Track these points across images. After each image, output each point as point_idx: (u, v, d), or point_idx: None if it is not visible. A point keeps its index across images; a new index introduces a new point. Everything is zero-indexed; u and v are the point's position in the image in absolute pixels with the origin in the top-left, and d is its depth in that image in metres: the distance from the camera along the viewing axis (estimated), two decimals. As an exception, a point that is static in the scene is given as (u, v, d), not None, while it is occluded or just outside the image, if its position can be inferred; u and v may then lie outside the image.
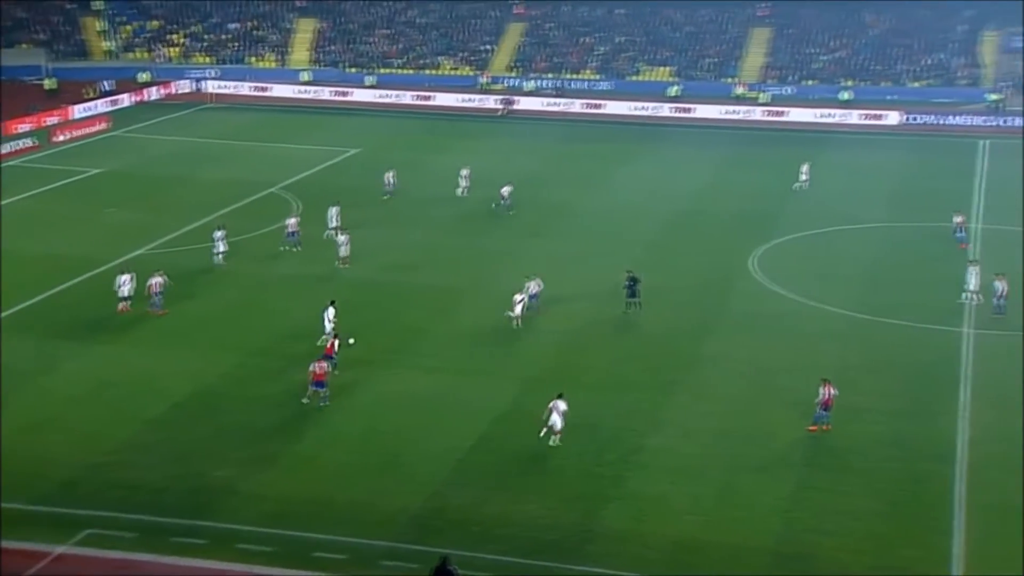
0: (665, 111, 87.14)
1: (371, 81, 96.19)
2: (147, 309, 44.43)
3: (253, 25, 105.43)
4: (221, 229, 50.90)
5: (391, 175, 62.40)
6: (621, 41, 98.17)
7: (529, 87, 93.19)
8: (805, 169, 64.21)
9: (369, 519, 30.24)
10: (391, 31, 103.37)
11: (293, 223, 52.94)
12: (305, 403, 36.69)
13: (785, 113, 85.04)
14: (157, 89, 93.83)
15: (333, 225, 53.66)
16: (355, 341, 39.52)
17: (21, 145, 73.85)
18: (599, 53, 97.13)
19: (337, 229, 52.80)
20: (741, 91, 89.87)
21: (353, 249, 50.54)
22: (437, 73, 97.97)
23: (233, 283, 48.78)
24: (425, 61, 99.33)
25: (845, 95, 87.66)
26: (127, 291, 44.38)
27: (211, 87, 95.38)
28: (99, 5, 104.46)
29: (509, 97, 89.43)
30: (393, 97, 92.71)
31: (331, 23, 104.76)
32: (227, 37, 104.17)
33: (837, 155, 72.64)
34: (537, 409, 36.78)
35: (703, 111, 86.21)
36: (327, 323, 40.92)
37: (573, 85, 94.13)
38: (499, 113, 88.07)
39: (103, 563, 28.07)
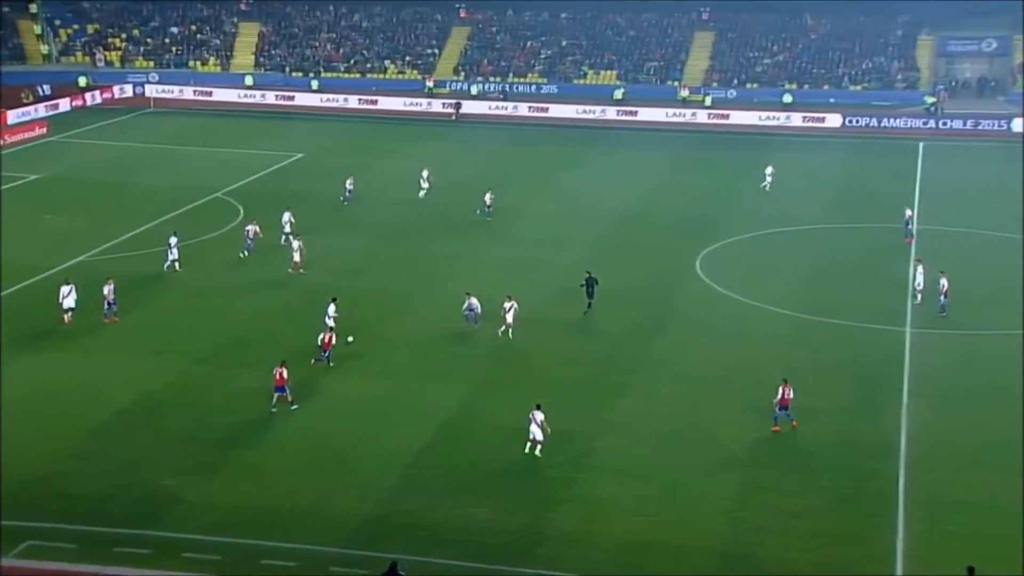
0: (610, 114, 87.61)
1: (316, 85, 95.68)
2: (103, 318, 43.87)
3: (195, 29, 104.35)
4: (175, 235, 50.53)
5: (350, 181, 62.12)
6: (566, 45, 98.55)
7: (475, 91, 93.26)
8: (770, 171, 65.08)
9: (317, 525, 30.07)
10: (335, 35, 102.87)
11: (253, 230, 52.60)
12: (274, 411, 36.41)
13: (729, 116, 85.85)
14: (97, 94, 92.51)
15: (287, 230, 53.42)
16: (354, 339, 40.34)
17: (-43, 151, 72.60)
18: (544, 57, 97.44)
19: (290, 234, 52.58)
20: (685, 94, 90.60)
21: (308, 254, 50.26)
22: (382, 77, 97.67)
23: (180, 290, 48.28)
24: (370, 65, 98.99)
25: (787, 98, 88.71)
26: (70, 302, 43.75)
27: (152, 91, 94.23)
28: (36, 8, 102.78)
29: (459, 101, 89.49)
30: (338, 101, 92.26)
31: (274, 27, 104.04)
32: (168, 41, 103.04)
33: (780, 157, 73.34)
34: (485, 413, 36.90)
35: (648, 114, 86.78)
36: (328, 319, 41.12)
37: (519, 89, 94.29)
38: (450, 117, 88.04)
39: (45, 575, 27.59)
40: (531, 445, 33.63)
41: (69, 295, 43.69)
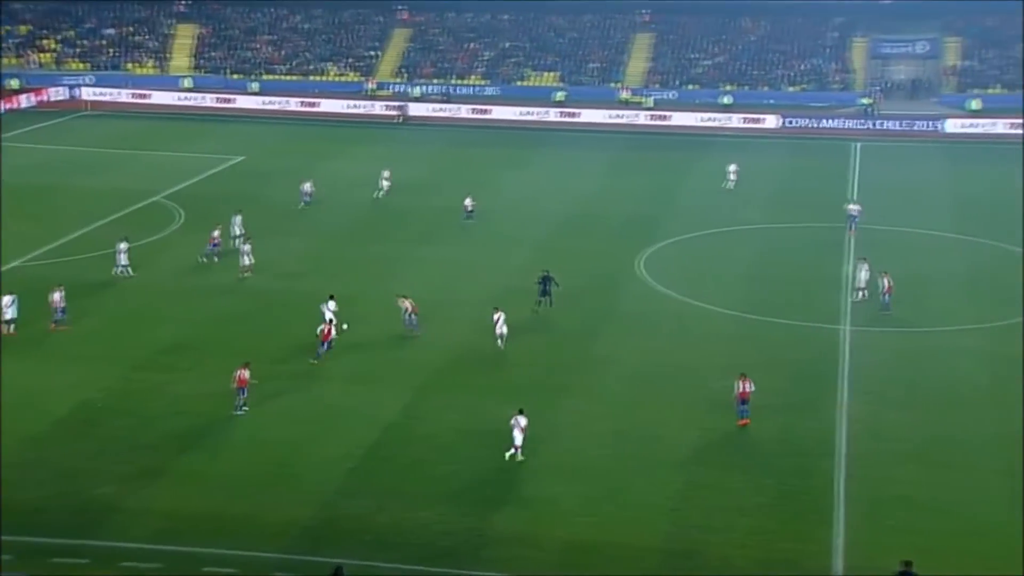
0: (552, 116, 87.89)
1: (255, 87, 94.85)
2: (51, 325, 43.07)
3: (131, 31, 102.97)
4: (124, 241, 50.03)
5: (308, 185, 61.56)
6: (507, 47, 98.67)
7: (416, 93, 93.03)
8: (732, 168, 65.62)
9: (260, 531, 29.81)
10: (274, 37, 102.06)
11: (216, 234, 52.06)
12: (242, 412, 36.32)
13: (669, 117, 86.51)
14: (29, 96, 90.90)
15: (237, 233, 52.93)
16: (348, 327, 41.27)
17: None
18: (485, 58, 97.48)
19: (241, 237, 52.11)
20: (626, 96, 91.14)
21: (255, 258, 49.81)
22: (323, 79, 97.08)
23: (123, 295, 47.68)
24: (310, 67, 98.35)
25: (726, 99, 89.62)
26: (12, 312, 42.89)
27: (87, 94, 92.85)
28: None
29: (405, 104, 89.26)
30: (278, 104, 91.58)
31: (212, 29, 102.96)
32: (103, 43, 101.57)
33: (720, 158, 74.14)
34: (430, 416, 36.83)
35: (589, 115, 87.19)
36: (327, 313, 41.73)
37: (460, 90, 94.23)
38: (396, 120, 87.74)
39: (-20, 587, 27.16)
40: (513, 450, 33.46)
41: (11, 306, 42.82)
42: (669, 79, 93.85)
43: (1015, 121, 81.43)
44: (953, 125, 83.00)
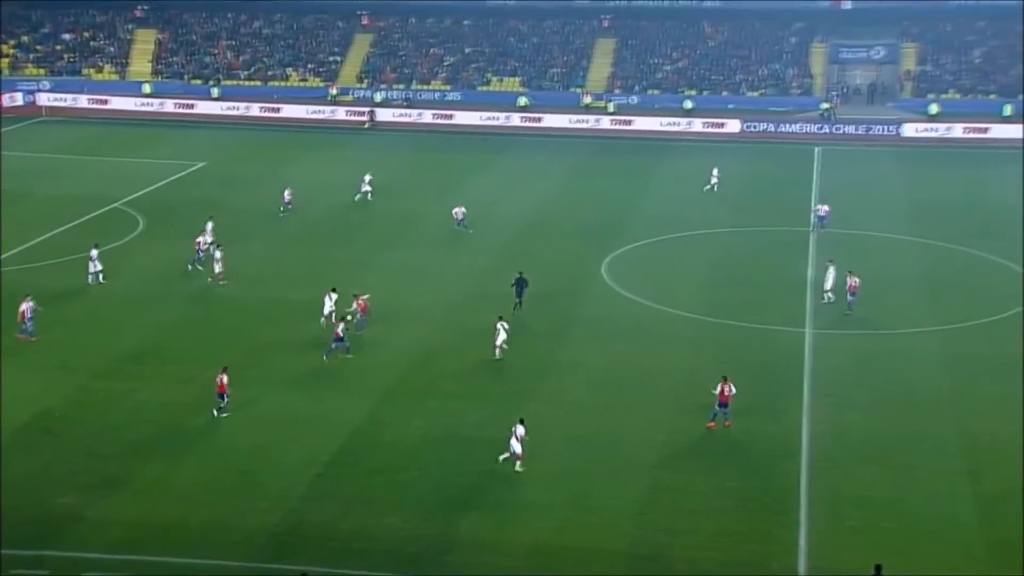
0: (515, 121, 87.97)
1: (216, 93, 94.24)
2: (16, 336, 42.54)
3: (88, 36, 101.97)
4: (96, 248, 49.62)
5: (288, 192, 61.12)
6: (469, 52, 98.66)
7: (379, 98, 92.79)
8: (715, 172, 66.01)
9: (225, 540, 29.62)
10: (235, 42, 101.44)
11: (201, 241, 51.66)
12: (224, 416, 36.34)
13: (632, 122, 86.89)
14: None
15: (210, 240, 52.60)
16: (351, 317, 42.22)
17: None
18: (448, 64, 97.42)
19: (212, 244, 51.79)
20: (588, 101, 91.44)
21: (207, 266, 49.52)
22: (284, 85, 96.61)
23: (84, 302, 47.18)
24: (272, 72, 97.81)
25: (688, 104, 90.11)
26: None
27: (45, 99, 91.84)
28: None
29: (374, 109, 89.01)
30: (239, 109, 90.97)
31: (172, 34, 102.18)
32: (60, 48, 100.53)
33: (683, 162, 74.66)
34: (395, 421, 36.77)
35: (552, 120, 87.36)
36: (327, 306, 43.23)
37: (423, 96, 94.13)
38: (365, 125, 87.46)
39: (-62, 600, 26.80)
40: (510, 458, 33.36)
41: None
42: (631, 84, 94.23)
43: (971, 125, 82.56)
44: (911, 129, 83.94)
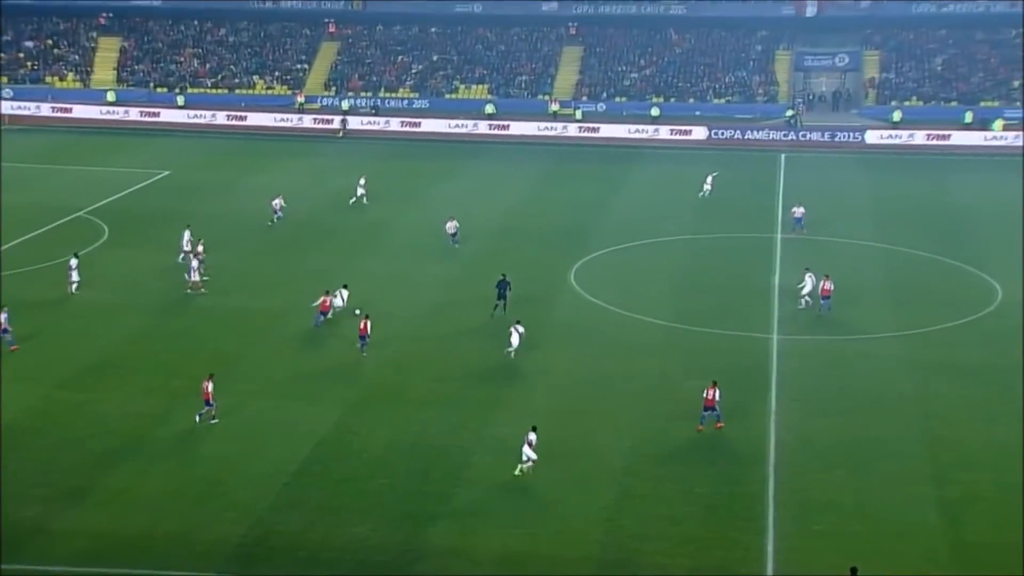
0: (482, 128, 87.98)
1: (181, 101, 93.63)
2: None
3: (51, 43, 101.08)
4: (75, 258, 49.26)
5: (277, 201, 60.65)
6: (436, 60, 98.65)
7: (346, 106, 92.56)
8: (710, 179, 66.26)
9: (191, 550, 29.39)
10: (201, 50, 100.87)
11: (201, 249, 51.25)
12: (214, 423, 36.11)
13: (599, 129, 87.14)
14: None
15: (186, 249, 52.18)
16: (361, 311, 42.46)
17: None
18: (415, 71, 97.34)
19: (189, 253, 51.40)
20: (555, 108, 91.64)
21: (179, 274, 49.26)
22: (250, 92, 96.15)
23: (48, 313, 46.67)
24: (238, 80, 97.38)
25: (655, 111, 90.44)
26: None
27: (6, 108, 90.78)
28: None
29: (346, 118, 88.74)
30: (205, 117, 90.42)
31: (136, 42, 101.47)
32: (22, 55, 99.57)
33: (650, 169, 74.95)
34: (362, 430, 36.63)
35: (519, 128, 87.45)
36: (337, 301, 44.36)
37: (390, 103, 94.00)
38: (338, 134, 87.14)
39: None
40: (524, 465, 33.29)
41: None
42: (598, 91, 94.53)
43: (933, 132, 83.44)
44: (874, 136, 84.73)
